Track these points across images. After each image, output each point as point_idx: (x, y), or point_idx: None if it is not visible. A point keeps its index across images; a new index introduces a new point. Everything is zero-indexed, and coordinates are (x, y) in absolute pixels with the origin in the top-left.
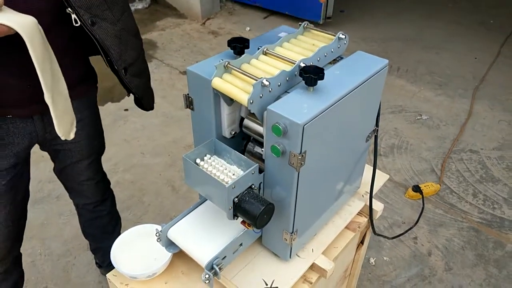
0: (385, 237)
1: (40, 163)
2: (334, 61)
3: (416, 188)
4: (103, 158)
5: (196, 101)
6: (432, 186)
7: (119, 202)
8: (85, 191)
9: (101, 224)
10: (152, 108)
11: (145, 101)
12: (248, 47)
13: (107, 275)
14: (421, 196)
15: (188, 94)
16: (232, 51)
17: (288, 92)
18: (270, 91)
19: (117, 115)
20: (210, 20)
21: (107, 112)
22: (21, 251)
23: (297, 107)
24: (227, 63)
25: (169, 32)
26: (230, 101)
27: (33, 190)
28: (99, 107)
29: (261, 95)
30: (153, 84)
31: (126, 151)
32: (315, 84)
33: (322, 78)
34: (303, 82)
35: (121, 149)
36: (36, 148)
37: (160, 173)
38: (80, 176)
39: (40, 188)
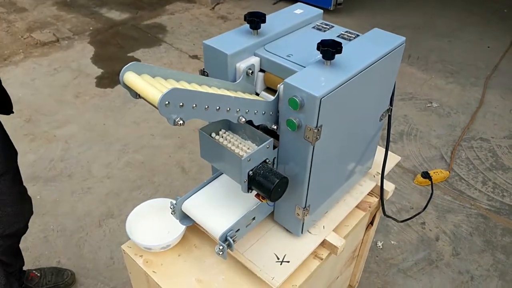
0: (394, 219)
1: (52, 143)
2: (350, 38)
3: (425, 175)
4: (113, 139)
5: (212, 75)
6: (441, 173)
7: (130, 182)
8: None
9: None
10: (9, 112)
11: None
12: (264, 22)
13: (122, 246)
14: (430, 182)
15: (203, 69)
16: (248, 25)
17: (304, 67)
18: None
19: (127, 98)
20: (219, 5)
21: (117, 94)
22: (34, 226)
23: (315, 80)
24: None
25: (178, 17)
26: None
27: (45, 168)
28: (110, 89)
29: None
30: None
31: (136, 132)
32: (333, 58)
33: (340, 51)
34: (321, 56)
35: (131, 130)
36: (46, 128)
37: (170, 155)
38: None
39: (52, 167)
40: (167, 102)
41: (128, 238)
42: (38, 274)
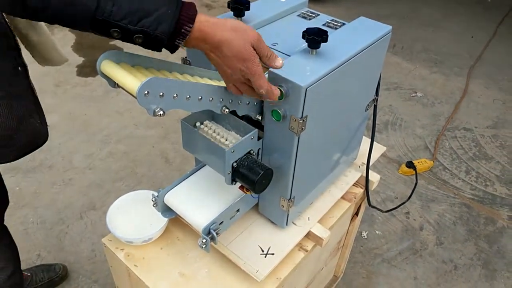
0: (378, 209)
1: None
2: (336, 26)
3: (410, 164)
4: (95, 129)
5: (194, 64)
6: (425, 163)
7: (112, 173)
8: None
9: None
10: None
11: None
12: (248, 9)
13: (102, 239)
14: (414, 172)
15: (186, 57)
16: (232, 12)
17: (289, 56)
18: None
19: (110, 87)
20: None
21: (99, 83)
22: (13, 219)
23: (300, 70)
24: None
25: None
26: None
27: (25, 159)
28: (92, 78)
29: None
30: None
31: (119, 122)
32: (318, 46)
33: (325, 40)
34: (306, 45)
35: (114, 120)
36: None
37: (153, 145)
38: None
39: (32, 157)
40: (146, 92)
41: (109, 231)
42: (29, 274)
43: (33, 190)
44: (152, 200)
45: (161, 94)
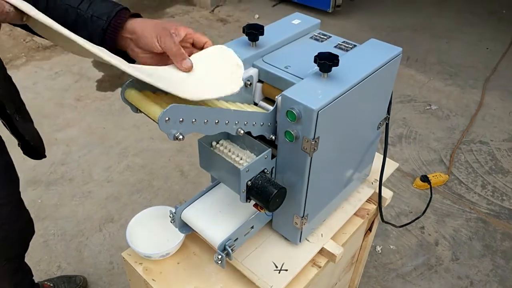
0: (392, 225)
1: (53, 146)
2: (348, 48)
3: (424, 178)
4: (113, 142)
5: None
6: (440, 177)
7: (129, 186)
8: None
9: None
10: (44, 155)
11: (41, 148)
12: (262, 34)
13: (122, 254)
14: (429, 186)
15: None
16: (246, 37)
17: (302, 79)
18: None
19: None
20: (219, 8)
21: (117, 97)
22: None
23: (312, 93)
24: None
25: (178, 19)
26: None
27: (46, 172)
28: (111, 93)
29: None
30: None
31: (136, 136)
32: (330, 70)
33: (336, 64)
34: (318, 68)
35: (131, 133)
36: (48, 131)
37: (169, 158)
38: None
39: (53, 170)
40: (167, 118)
41: (128, 245)
42: (51, 285)
43: (54, 203)
44: (170, 216)
45: (181, 120)
